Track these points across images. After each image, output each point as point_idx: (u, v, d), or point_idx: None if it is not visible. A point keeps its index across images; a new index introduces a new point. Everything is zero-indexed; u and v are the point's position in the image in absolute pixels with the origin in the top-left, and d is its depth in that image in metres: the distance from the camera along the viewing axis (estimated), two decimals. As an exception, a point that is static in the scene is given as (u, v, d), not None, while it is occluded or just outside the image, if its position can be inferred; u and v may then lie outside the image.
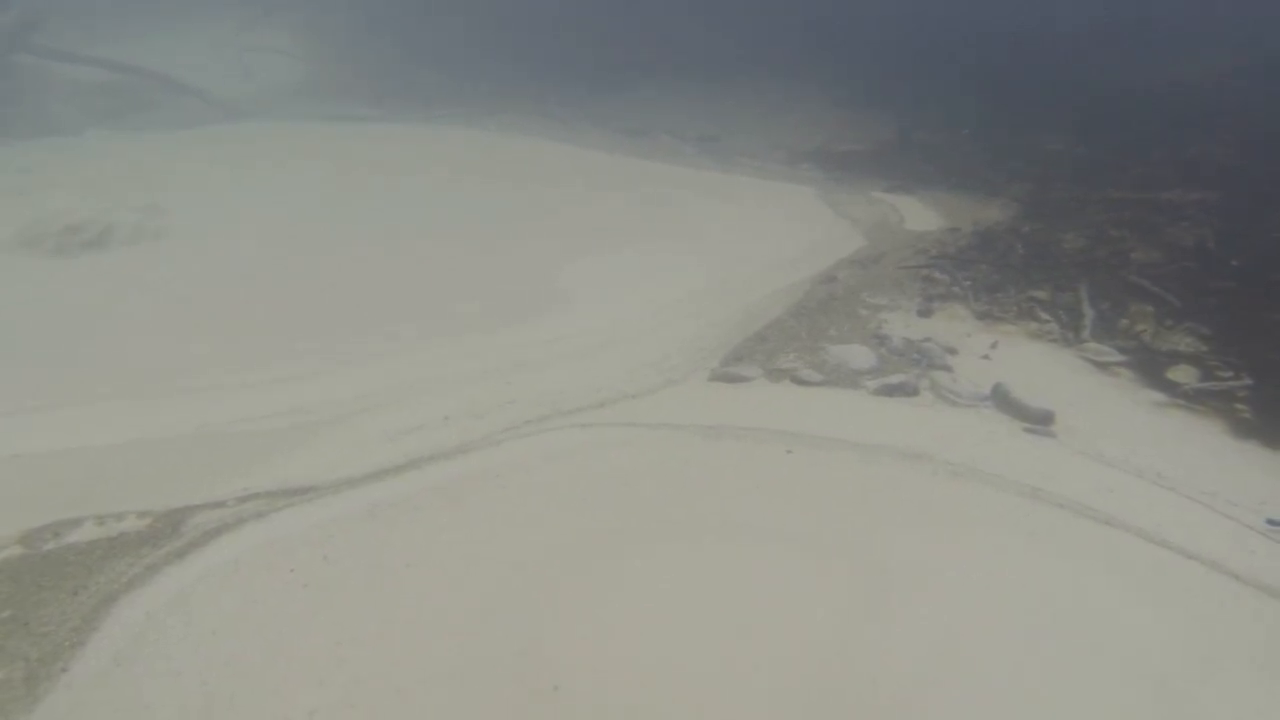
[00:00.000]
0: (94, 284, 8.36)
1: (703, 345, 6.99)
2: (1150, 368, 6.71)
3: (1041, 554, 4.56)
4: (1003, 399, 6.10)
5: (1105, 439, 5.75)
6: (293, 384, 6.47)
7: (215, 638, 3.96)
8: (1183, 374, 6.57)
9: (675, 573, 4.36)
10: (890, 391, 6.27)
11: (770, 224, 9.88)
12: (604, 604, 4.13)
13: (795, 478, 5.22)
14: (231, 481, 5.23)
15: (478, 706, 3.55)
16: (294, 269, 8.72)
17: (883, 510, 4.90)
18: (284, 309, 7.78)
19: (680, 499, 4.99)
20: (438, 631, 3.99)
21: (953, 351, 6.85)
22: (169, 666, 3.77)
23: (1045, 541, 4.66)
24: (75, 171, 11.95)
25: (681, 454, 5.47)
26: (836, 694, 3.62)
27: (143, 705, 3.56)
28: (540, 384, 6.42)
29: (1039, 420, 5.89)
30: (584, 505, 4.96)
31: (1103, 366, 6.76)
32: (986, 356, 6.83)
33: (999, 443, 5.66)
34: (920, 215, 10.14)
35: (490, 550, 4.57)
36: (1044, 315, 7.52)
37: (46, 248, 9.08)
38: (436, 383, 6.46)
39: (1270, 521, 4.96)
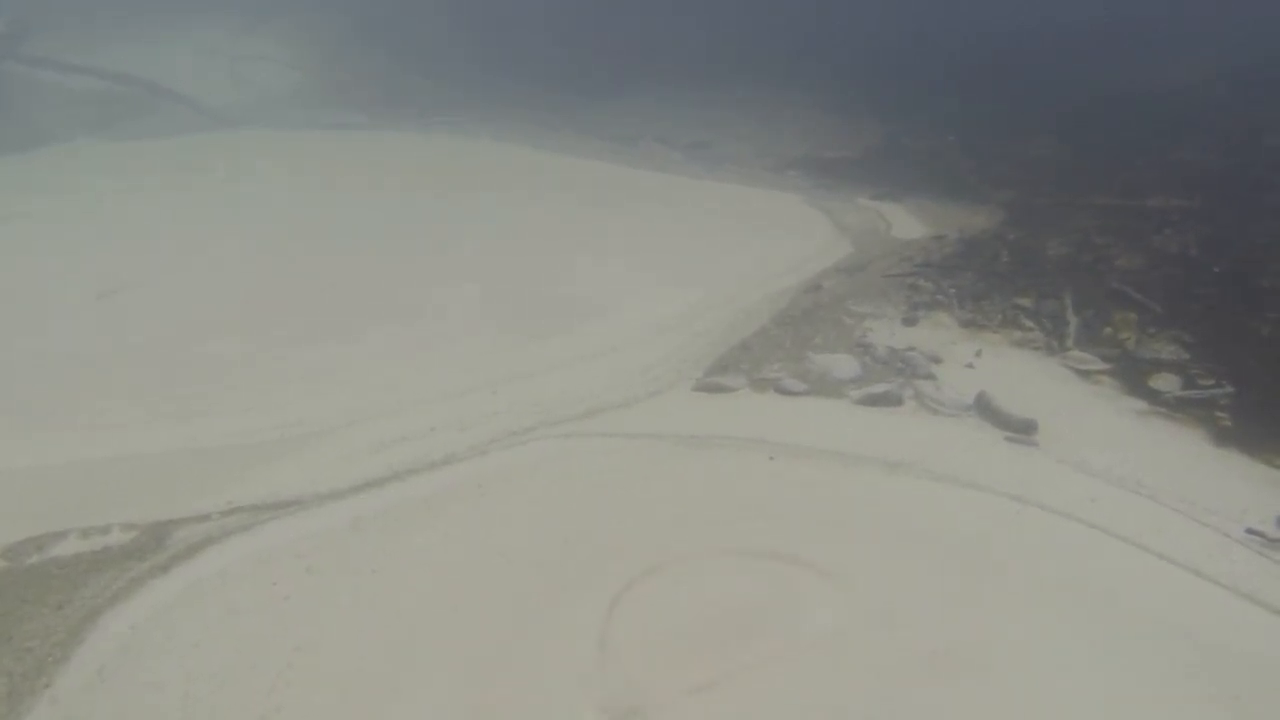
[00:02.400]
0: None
1: (687, 355, 7.02)
2: (1133, 375, 6.75)
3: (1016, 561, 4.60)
4: (986, 408, 6.13)
5: (1087, 448, 5.78)
6: (282, 397, 6.46)
7: (198, 650, 3.98)
8: (1165, 381, 6.61)
9: (643, 591, 4.38)
10: (874, 401, 6.30)
11: (757, 232, 9.91)
12: (568, 626, 4.16)
13: (772, 488, 5.26)
14: (217, 495, 5.24)
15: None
16: (279, 279, 8.72)
17: (860, 520, 4.94)
18: (269, 320, 7.78)
19: (655, 511, 5.02)
20: (395, 641, 4.02)
21: (937, 360, 6.88)
22: (152, 679, 3.79)
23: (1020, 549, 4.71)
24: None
25: (661, 464, 5.49)
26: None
27: (124, 719, 3.59)
28: (525, 395, 6.43)
29: (1021, 429, 5.92)
30: (560, 515, 4.99)
31: (1086, 374, 6.80)
32: (971, 365, 6.86)
33: (980, 452, 5.69)
34: (906, 222, 10.18)
35: (460, 558, 4.62)
36: (1028, 323, 7.56)
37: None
38: (423, 394, 6.46)
39: (1250, 530, 4.99)
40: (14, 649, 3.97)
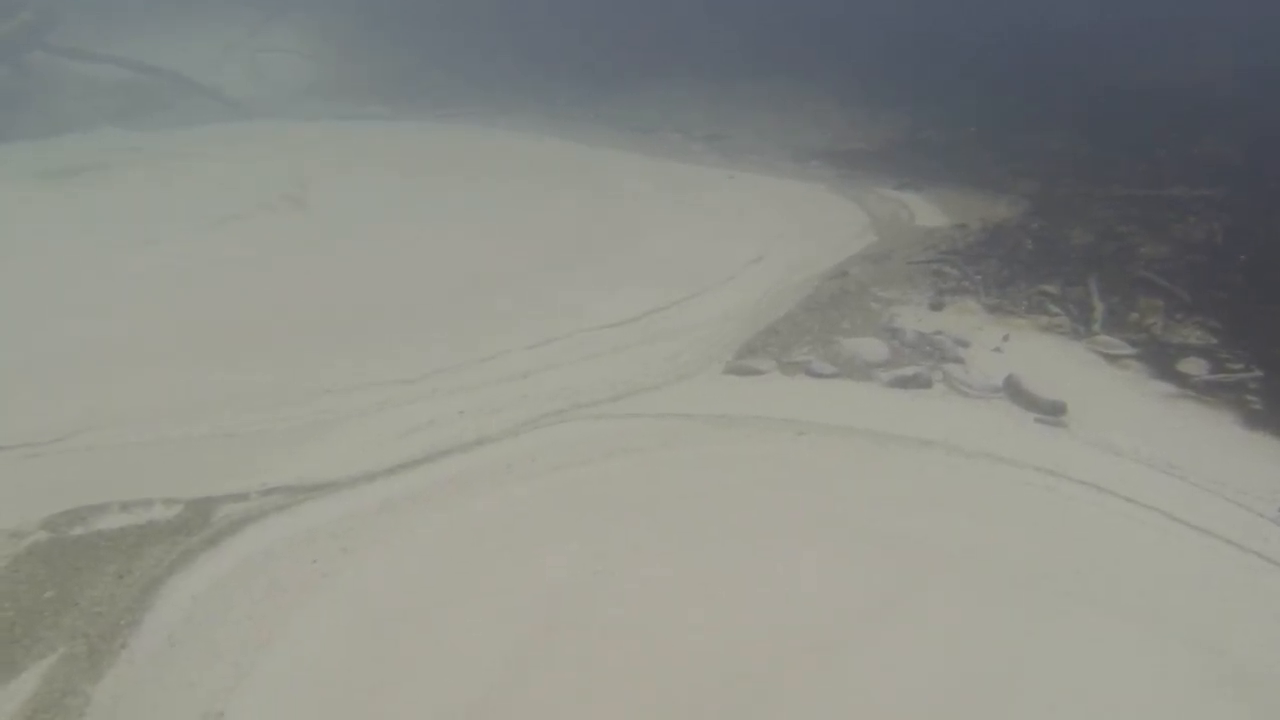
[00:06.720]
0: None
1: (716, 340, 7.08)
2: (1160, 360, 6.79)
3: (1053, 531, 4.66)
4: (1015, 390, 6.19)
5: (1116, 429, 5.84)
6: (310, 385, 6.50)
7: (250, 621, 4.07)
8: (1193, 366, 6.66)
9: (674, 565, 4.45)
10: (903, 383, 6.36)
11: (780, 221, 9.96)
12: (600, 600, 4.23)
13: (806, 463, 5.33)
14: (252, 476, 5.29)
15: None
16: (305, 268, 8.81)
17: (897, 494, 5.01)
18: (299, 309, 7.84)
19: (685, 487, 5.09)
20: (409, 622, 4.11)
21: (964, 344, 6.94)
22: (213, 648, 3.89)
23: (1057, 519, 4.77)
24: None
25: (692, 442, 5.57)
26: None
27: (188, 684, 3.69)
28: (554, 380, 6.48)
29: (1050, 411, 5.98)
30: (589, 491, 5.07)
31: (1113, 359, 6.84)
32: (998, 349, 6.91)
33: (1011, 432, 5.75)
34: (929, 212, 10.22)
35: (486, 531, 4.72)
36: (1054, 309, 7.61)
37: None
38: (450, 380, 6.50)
39: (1281, 510, 5.04)
40: (84, 613, 4.08)
